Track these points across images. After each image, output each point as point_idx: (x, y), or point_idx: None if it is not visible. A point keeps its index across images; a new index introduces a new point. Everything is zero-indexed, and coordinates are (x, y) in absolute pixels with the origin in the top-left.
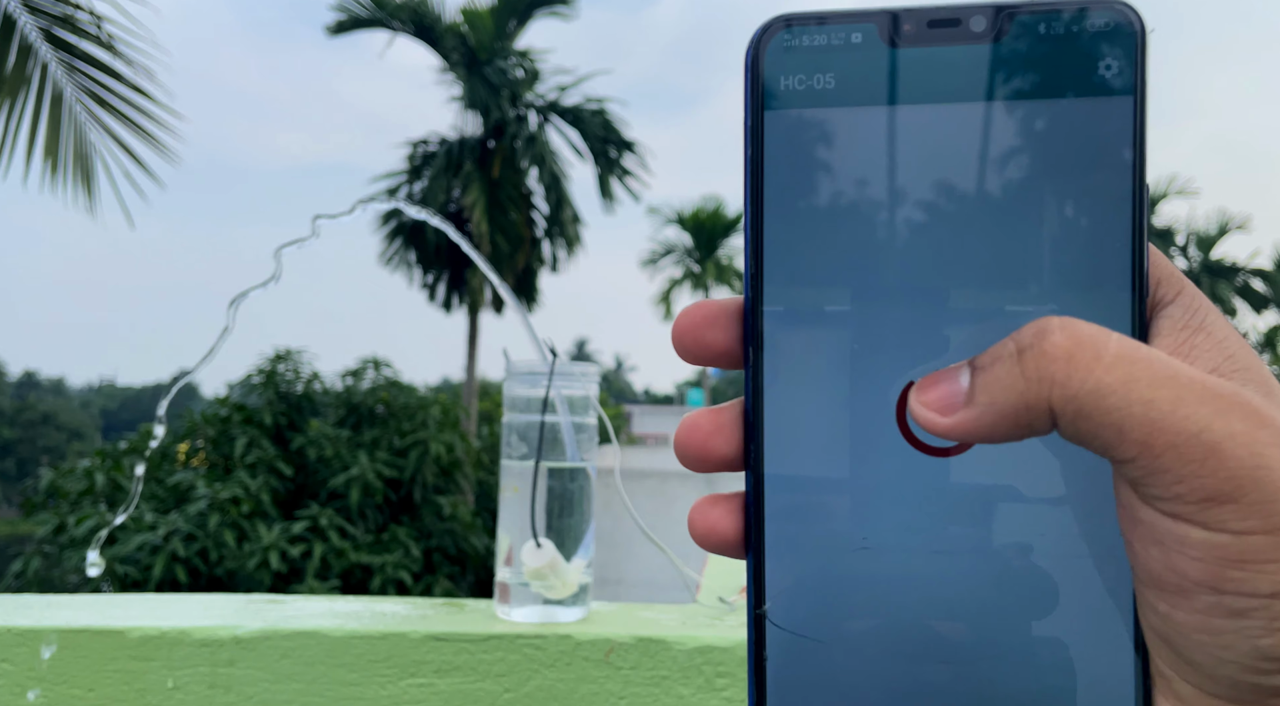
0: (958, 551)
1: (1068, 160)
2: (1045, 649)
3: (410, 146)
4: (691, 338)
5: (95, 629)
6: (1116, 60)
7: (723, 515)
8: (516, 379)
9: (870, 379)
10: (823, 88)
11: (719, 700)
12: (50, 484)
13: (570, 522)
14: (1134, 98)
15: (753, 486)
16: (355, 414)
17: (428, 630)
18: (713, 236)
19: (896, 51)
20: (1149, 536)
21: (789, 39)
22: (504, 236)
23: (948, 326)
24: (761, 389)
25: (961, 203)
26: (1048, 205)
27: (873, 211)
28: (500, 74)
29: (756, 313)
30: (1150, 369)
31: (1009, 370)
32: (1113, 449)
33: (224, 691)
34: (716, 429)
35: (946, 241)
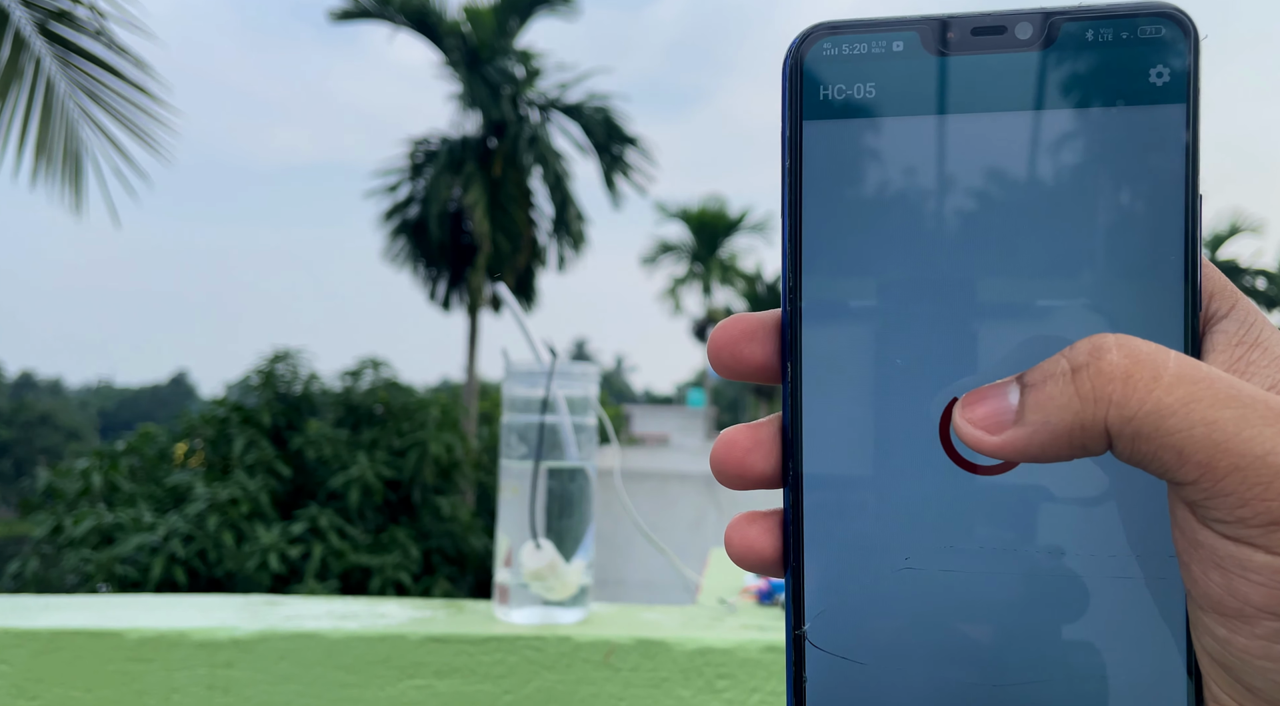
0: (1001, 572)
1: (1118, 170)
2: (1093, 673)
3: (411, 145)
4: (729, 353)
5: (93, 630)
6: (1168, 67)
7: (761, 533)
8: (516, 379)
9: (912, 395)
10: (864, 97)
11: (719, 701)
12: (47, 485)
13: (570, 523)
14: (1187, 106)
15: (791, 504)
16: (354, 414)
17: (427, 632)
18: (715, 235)
19: (941, 59)
20: (1209, 560)
21: (829, 47)
22: (505, 236)
23: (993, 342)
24: (800, 405)
25: (1007, 216)
26: (1097, 217)
27: (914, 224)
28: (500, 73)
29: (795, 327)
30: (1212, 388)
31: (1063, 388)
32: (1173, 471)
33: (222, 693)
34: (755, 445)
35: (991, 255)
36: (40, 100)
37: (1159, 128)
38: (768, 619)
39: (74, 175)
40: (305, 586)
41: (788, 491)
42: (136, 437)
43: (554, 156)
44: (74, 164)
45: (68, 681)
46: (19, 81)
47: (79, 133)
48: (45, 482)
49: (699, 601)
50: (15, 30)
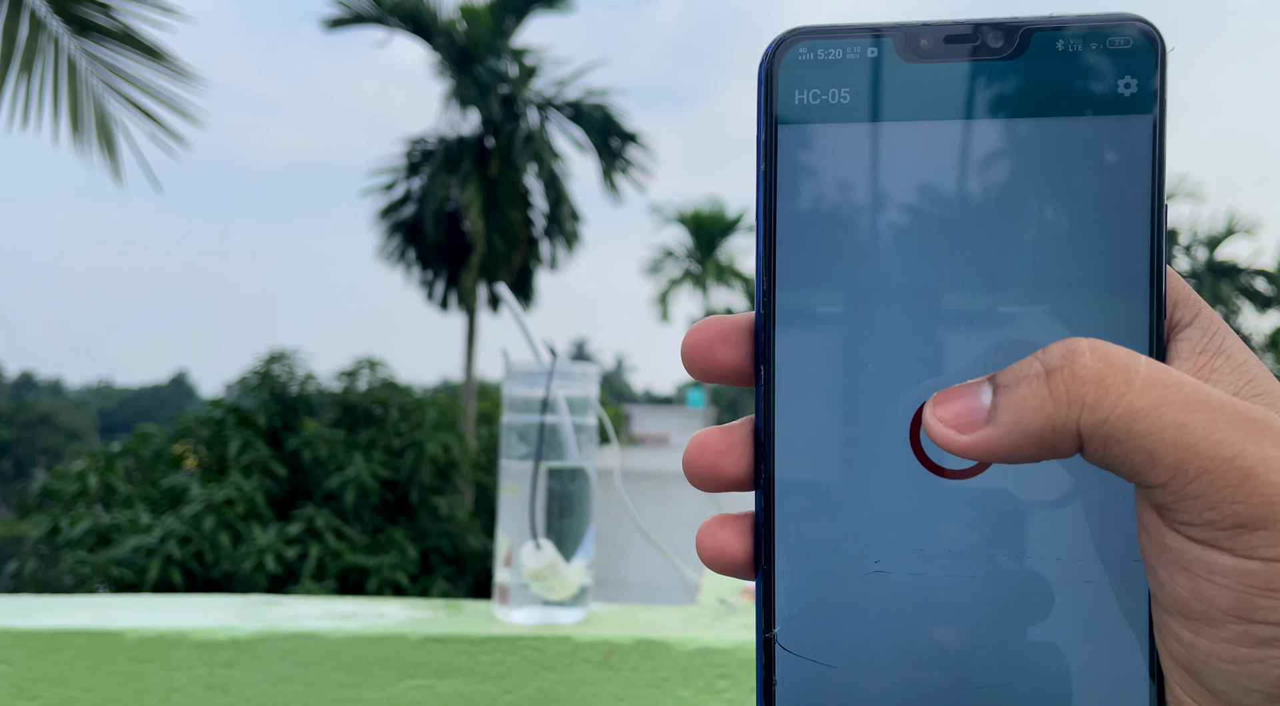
0: (969, 575)
1: (1086, 179)
2: (1058, 675)
3: (408, 144)
4: (702, 355)
5: (93, 630)
6: (1136, 78)
7: (732, 536)
8: (516, 379)
9: (883, 399)
10: (837, 102)
11: (719, 702)
12: (44, 486)
13: (570, 523)
14: (1153, 117)
15: (763, 507)
16: (351, 415)
17: (427, 632)
18: (713, 237)
19: (913, 67)
20: (1175, 563)
21: (804, 53)
22: (501, 235)
23: (962, 347)
24: (773, 408)
25: (977, 221)
26: (1065, 224)
27: (887, 229)
28: (492, 72)
29: (768, 330)
30: (1182, 393)
31: (1036, 390)
32: (1143, 474)
33: (222, 693)
34: (727, 448)
35: (960, 262)
36: (66, 76)
37: (1126, 137)
38: None
39: (108, 144)
40: (302, 587)
41: (759, 494)
42: (133, 439)
43: (550, 155)
44: (106, 133)
45: (67, 681)
46: (41, 58)
47: (105, 105)
48: (41, 484)
49: (699, 601)
50: (31, 11)
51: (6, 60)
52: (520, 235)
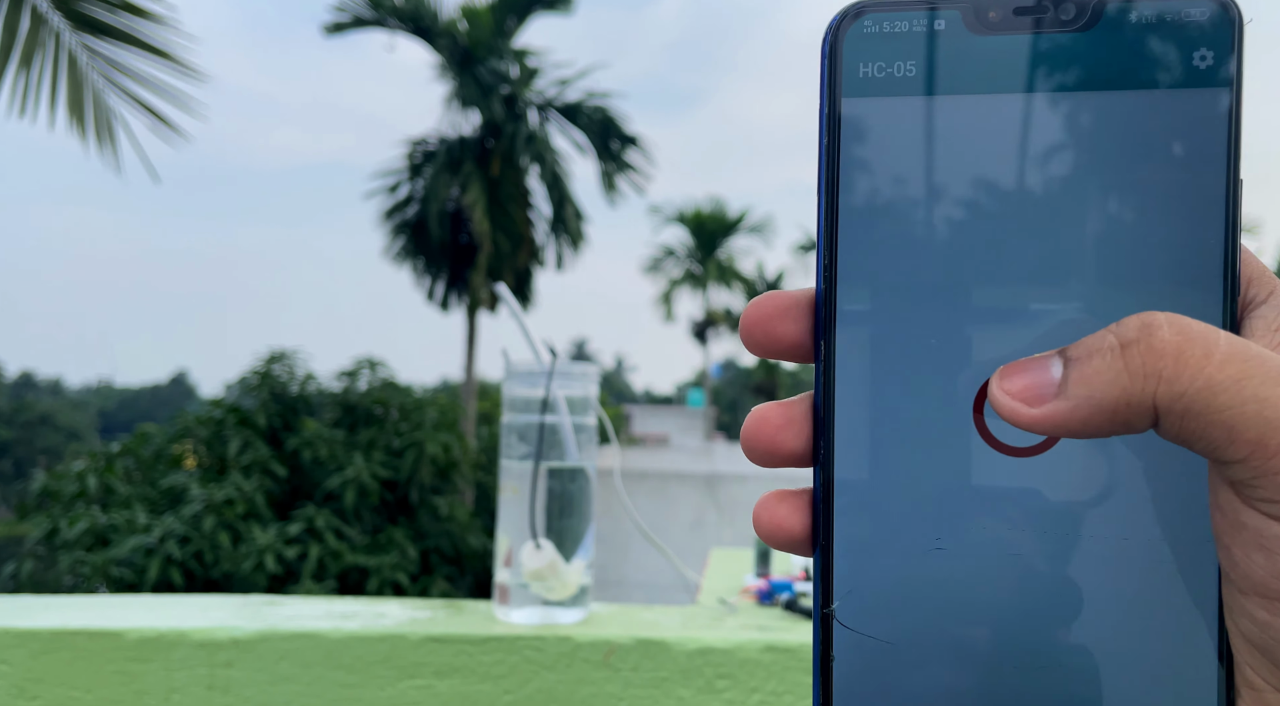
0: (1034, 554)
1: (1159, 153)
2: (1122, 657)
3: (410, 145)
4: (761, 330)
5: (93, 630)
6: (1212, 50)
7: (790, 511)
8: (516, 379)
9: (947, 375)
10: (903, 76)
11: (719, 702)
12: (43, 486)
13: (570, 523)
14: (1230, 90)
15: (822, 483)
16: (351, 415)
17: (427, 632)
18: (714, 237)
19: (982, 39)
20: (1253, 541)
21: (869, 25)
22: (504, 235)
23: (1030, 321)
24: (833, 383)
25: (1047, 196)
26: (1138, 200)
27: (952, 203)
28: (494, 73)
29: (829, 304)
30: (1264, 367)
31: (1110, 363)
32: (1221, 449)
33: (222, 692)
34: (786, 423)
35: (1031, 235)
36: (66, 69)
37: (1201, 111)
38: (768, 619)
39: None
40: (302, 587)
41: (818, 469)
42: (133, 439)
43: (552, 155)
44: (106, 126)
45: (68, 681)
46: (41, 51)
47: (105, 99)
48: (41, 484)
49: (699, 601)
50: (33, 6)
51: (6, 53)
52: (523, 235)
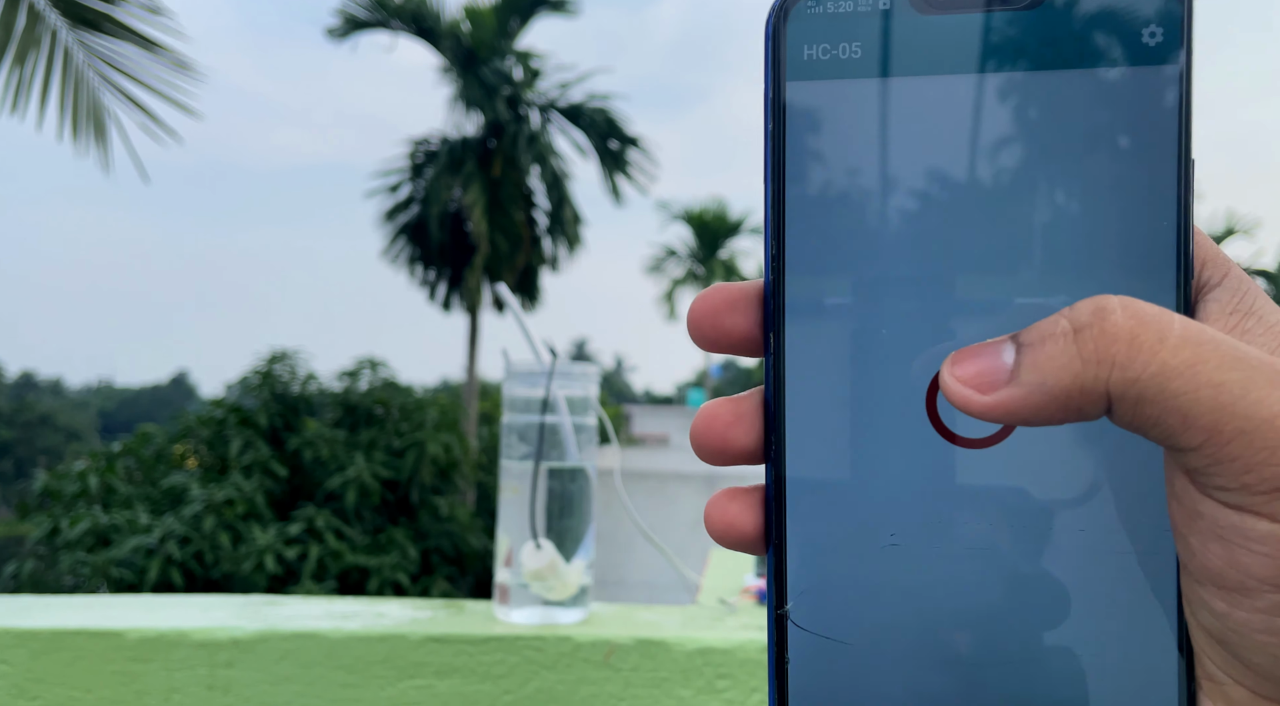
0: (988, 548)
1: (1108, 134)
2: (1082, 651)
3: (411, 145)
4: (710, 323)
5: (93, 630)
6: (1161, 28)
7: (741, 510)
8: (516, 379)
9: (897, 366)
10: (848, 57)
11: (719, 702)
12: (43, 486)
13: (570, 523)
14: (1179, 67)
15: (773, 480)
16: (352, 415)
17: (427, 632)
18: (716, 237)
19: (927, 19)
20: (1209, 530)
21: (813, 5)
22: (504, 236)
23: (981, 310)
24: (783, 377)
25: (994, 179)
26: (1087, 181)
27: (901, 189)
28: (497, 74)
29: (778, 296)
30: (1218, 351)
31: (1063, 348)
32: (1176, 436)
33: (222, 692)
34: (736, 419)
35: (979, 220)
36: (60, 65)
37: (1151, 89)
38: None
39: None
40: (302, 587)
41: (769, 466)
42: (133, 439)
43: (552, 156)
44: (99, 124)
45: (68, 681)
46: (36, 49)
47: (100, 97)
48: (42, 484)
49: (699, 601)
50: (30, 4)
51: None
52: (524, 235)
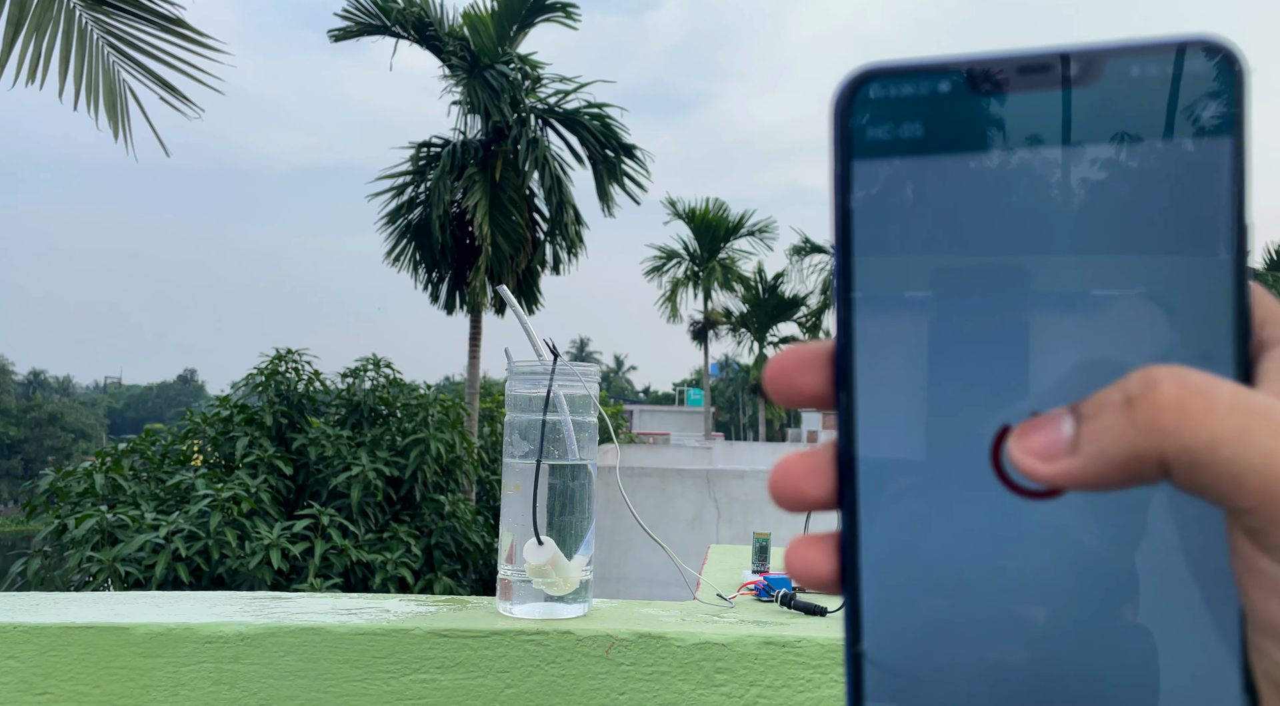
0: (1056, 595)
1: (1166, 203)
2: (1148, 695)
3: (414, 147)
4: (785, 382)
5: (101, 626)
6: (1215, 101)
7: (819, 556)
8: (518, 378)
9: (964, 423)
10: (911, 137)
11: (718, 695)
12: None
13: (571, 520)
14: (1233, 139)
15: (848, 527)
16: (356, 413)
17: (430, 627)
18: (716, 238)
19: (987, 99)
20: (1269, 586)
21: (877, 89)
22: (505, 238)
23: (1046, 370)
24: (855, 432)
25: (1055, 249)
26: (1146, 249)
27: (962, 260)
28: (501, 78)
29: (848, 358)
30: (1267, 418)
31: (1117, 419)
32: (1231, 500)
33: (229, 687)
34: (810, 471)
35: (1042, 288)
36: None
37: (1207, 160)
38: (765, 614)
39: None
40: (307, 583)
41: (844, 514)
42: (140, 438)
43: (552, 159)
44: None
45: (76, 676)
46: (54, 25)
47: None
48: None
49: (698, 597)
50: None
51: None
52: (525, 238)
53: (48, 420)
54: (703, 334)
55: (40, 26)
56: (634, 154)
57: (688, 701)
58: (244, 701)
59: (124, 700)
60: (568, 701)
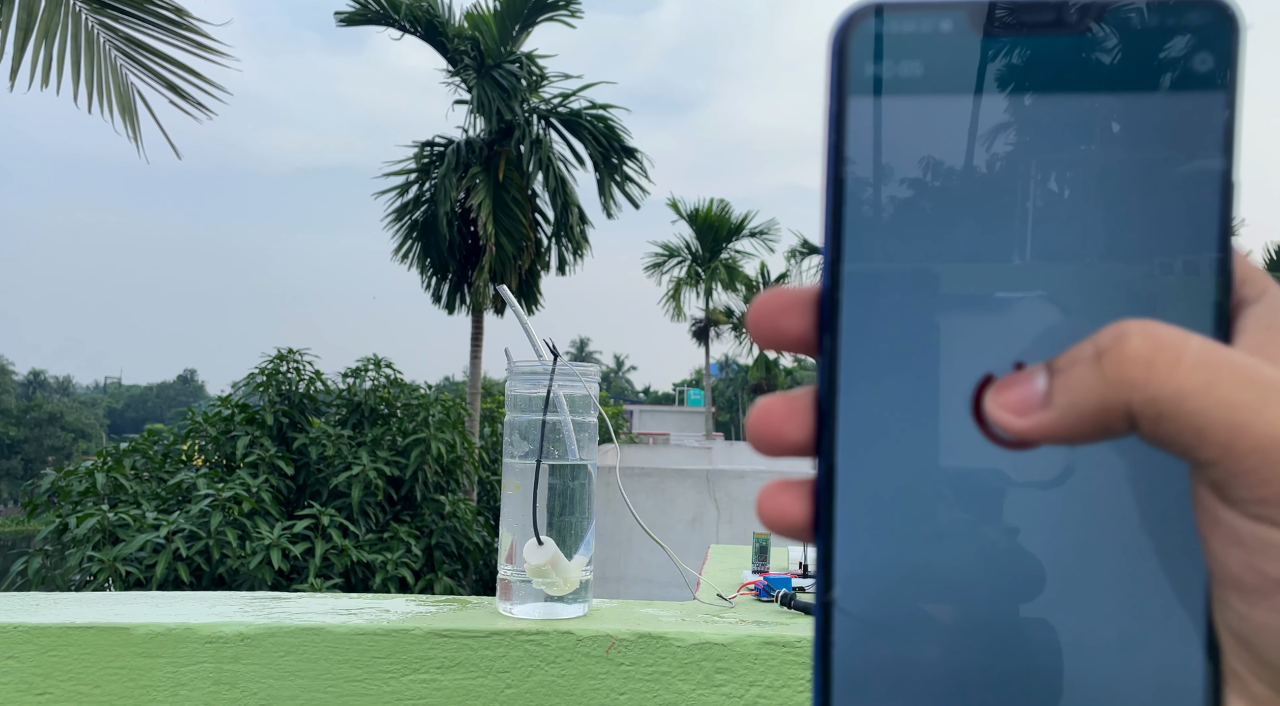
0: (1029, 544)
1: (1156, 155)
2: (1116, 644)
3: (418, 146)
4: (768, 323)
5: (101, 626)
6: (1211, 55)
7: (792, 500)
8: (518, 378)
9: (946, 369)
10: (909, 75)
11: (718, 695)
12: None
13: (571, 520)
14: (1226, 94)
15: (824, 473)
16: (357, 413)
17: (431, 627)
18: (717, 238)
19: (987, 40)
20: (1230, 537)
21: (876, 25)
22: (509, 238)
23: (1028, 320)
24: (836, 376)
25: (1045, 195)
26: (1134, 200)
27: (955, 202)
28: (509, 77)
29: (833, 300)
30: (1233, 372)
31: (1087, 373)
32: (1194, 452)
33: (229, 687)
34: (790, 414)
35: (1028, 235)
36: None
37: (1199, 114)
38: (765, 614)
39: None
40: (308, 583)
41: (820, 459)
42: (141, 437)
43: (556, 160)
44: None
45: (76, 676)
46: (62, 30)
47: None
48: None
49: (698, 597)
50: None
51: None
52: (528, 238)
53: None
54: (704, 333)
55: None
56: (636, 156)
57: (688, 701)
58: (244, 701)
59: (124, 700)
60: (568, 701)
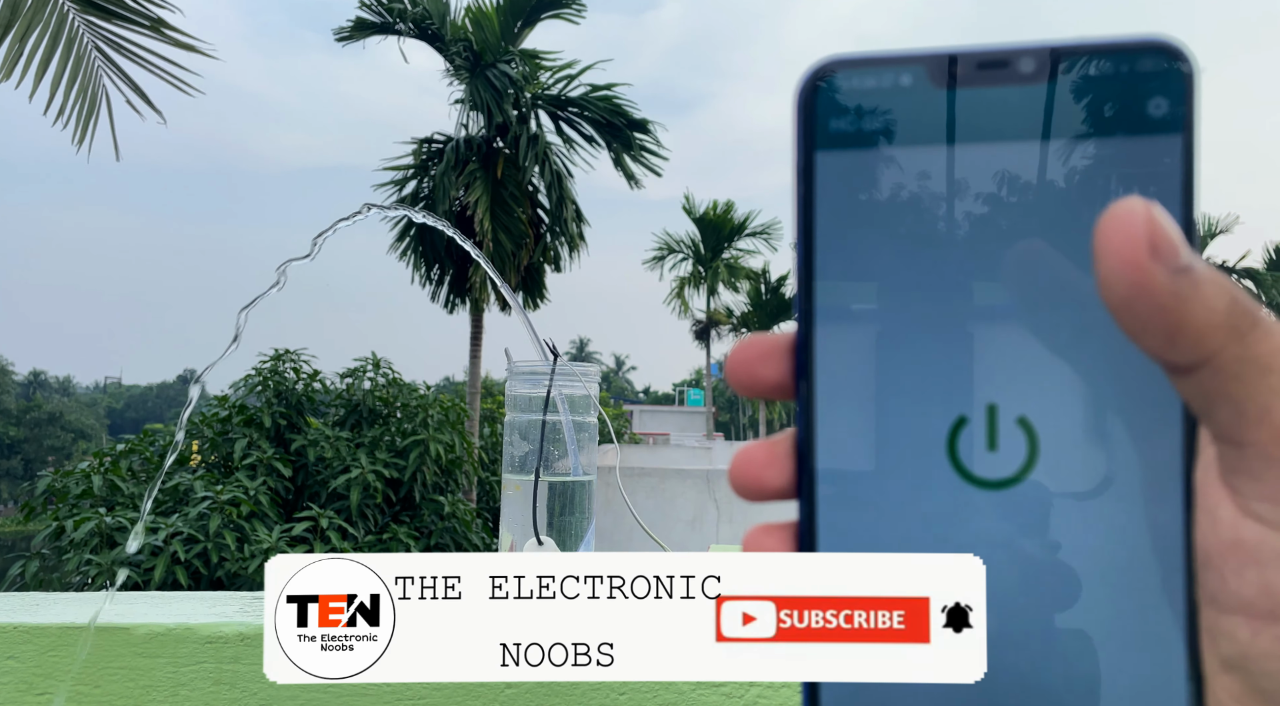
0: (1008, 585)
1: (1116, 199)
2: (1091, 672)
3: (416, 143)
4: (745, 372)
5: (100, 626)
6: (1166, 99)
7: (777, 544)
8: (518, 378)
9: (920, 413)
10: (872, 128)
11: (718, 695)
12: (48, 485)
13: (571, 520)
14: (1183, 136)
15: (806, 517)
16: (356, 414)
17: None
18: (720, 237)
19: (947, 93)
20: (1248, 557)
21: (840, 81)
22: (507, 234)
23: (998, 362)
24: (814, 421)
25: (1011, 242)
26: None
27: (921, 252)
28: (503, 76)
29: (808, 348)
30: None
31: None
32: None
33: (229, 687)
34: (770, 461)
35: (995, 279)
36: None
37: (1157, 158)
38: None
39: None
40: None
41: (802, 503)
42: (138, 438)
43: (553, 154)
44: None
45: (76, 676)
46: (44, 27)
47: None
48: (46, 483)
49: None
50: None
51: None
52: (527, 234)
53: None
54: (705, 333)
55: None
56: (646, 128)
57: (688, 701)
58: (244, 701)
59: (124, 700)
60: (568, 701)
